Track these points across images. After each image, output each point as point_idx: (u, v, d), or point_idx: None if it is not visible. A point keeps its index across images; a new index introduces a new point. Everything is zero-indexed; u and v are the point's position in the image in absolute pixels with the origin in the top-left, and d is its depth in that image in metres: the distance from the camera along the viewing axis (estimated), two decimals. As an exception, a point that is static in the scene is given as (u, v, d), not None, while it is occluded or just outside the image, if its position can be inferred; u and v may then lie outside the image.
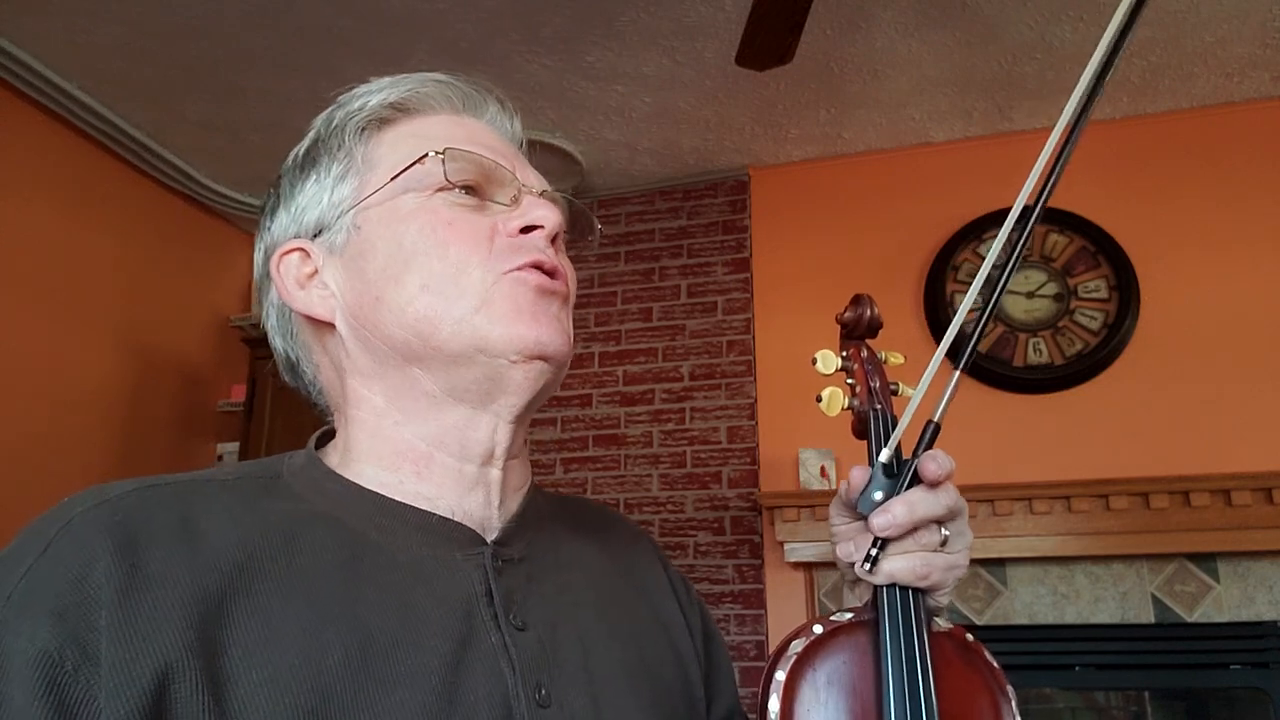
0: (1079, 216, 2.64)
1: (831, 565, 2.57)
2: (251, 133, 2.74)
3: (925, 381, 0.60)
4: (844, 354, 0.73)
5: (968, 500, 0.61)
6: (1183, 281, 2.55)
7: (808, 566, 2.60)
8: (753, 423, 2.78)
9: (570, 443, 2.92)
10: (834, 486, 2.56)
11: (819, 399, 0.69)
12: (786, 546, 2.54)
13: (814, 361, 0.71)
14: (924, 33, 2.32)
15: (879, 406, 0.68)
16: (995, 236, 2.87)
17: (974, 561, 2.50)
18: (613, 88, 2.54)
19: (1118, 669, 2.35)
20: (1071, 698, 2.54)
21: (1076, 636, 2.37)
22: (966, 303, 0.64)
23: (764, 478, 2.72)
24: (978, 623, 2.44)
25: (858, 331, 0.75)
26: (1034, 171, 0.56)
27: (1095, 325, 2.56)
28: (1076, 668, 2.36)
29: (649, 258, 3.01)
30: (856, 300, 0.75)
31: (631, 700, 0.57)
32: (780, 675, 0.58)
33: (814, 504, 2.50)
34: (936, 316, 2.66)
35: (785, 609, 2.59)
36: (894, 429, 0.64)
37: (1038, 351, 2.58)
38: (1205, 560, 2.33)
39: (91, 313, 2.68)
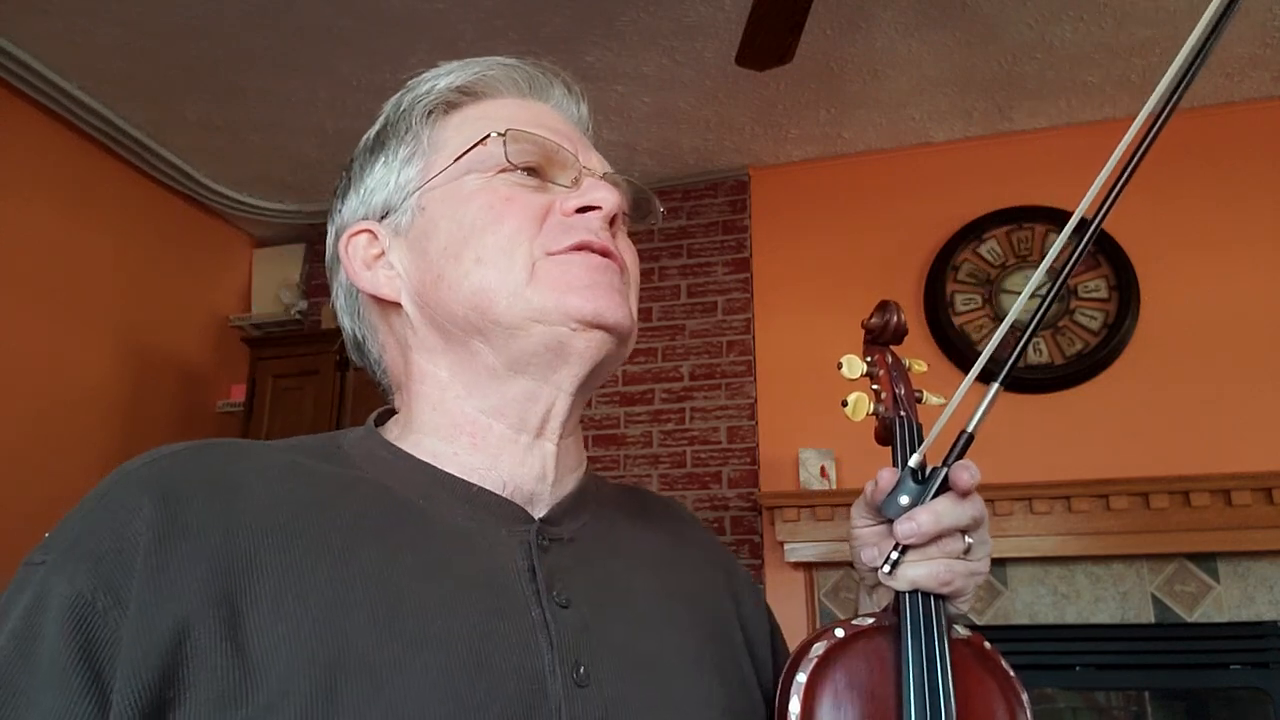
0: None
1: (831, 565, 2.57)
2: (251, 133, 2.74)
3: (962, 389, 0.61)
4: (869, 359, 0.73)
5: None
6: (1183, 281, 2.55)
7: (808, 566, 2.60)
8: (753, 423, 2.78)
9: (570, 443, 2.92)
10: (834, 486, 2.56)
11: (844, 404, 0.69)
12: (786, 546, 2.54)
13: (839, 366, 0.71)
14: (924, 33, 2.32)
15: (904, 413, 0.68)
16: (995, 237, 2.87)
17: (974, 561, 2.50)
18: (612, 88, 2.54)
19: (1118, 669, 2.35)
20: (1071, 698, 2.54)
21: (1076, 636, 2.37)
22: (1013, 313, 0.64)
23: (764, 478, 2.72)
24: (978, 623, 2.44)
25: (883, 338, 0.75)
26: (1098, 180, 0.56)
27: (1095, 325, 2.56)
28: (1076, 668, 2.36)
29: (649, 258, 3.01)
30: (883, 306, 0.74)
31: (678, 691, 0.55)
32: (801, 677, 0.57)
33: (814, 504, 2.50)
34: (936, 316, 2.66)
35: (785, 609, 2.59)
36: (919, 436, 0.65)
37: (1038, 351, 2.58)
38: (1205, 560, 2.33)
39: (91, 313, 2.69)
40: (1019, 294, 2.67)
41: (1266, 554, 2.29)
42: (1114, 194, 0.58)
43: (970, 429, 0.60)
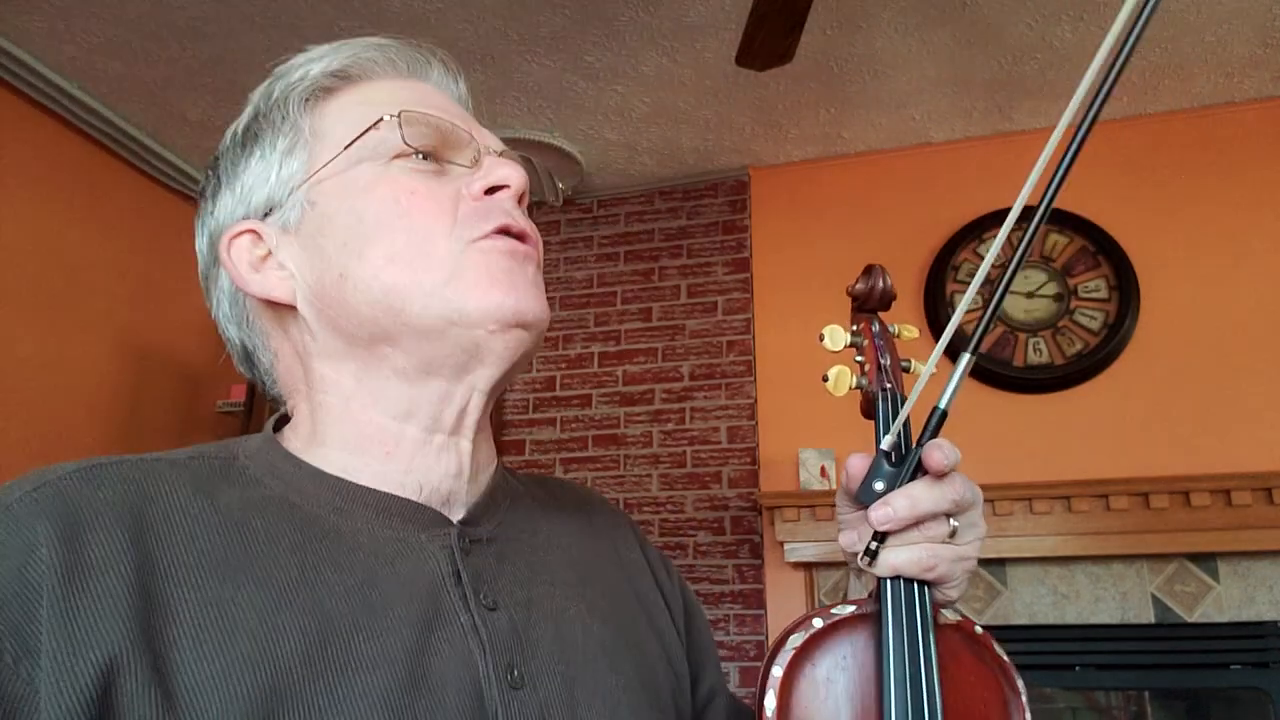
0: (1079, 216, 2.64)
1: (831, 565, 2.57)
2: (251, 133, 2.74)
3: (930, 365, 0.57)
4: (854, 328, 0.68)
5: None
6: (1183, 281, 2.55)
7: (808, 566, 2.60)
8: (753, 423, 2.78)
9: (570, 443, 2.92)
10: (834, 486, 2.56)
11: (825, 378, 0.64)
12: (786, 546, 2.54)
13: (821, 338, 0.66)
14: (924, 33, 2.32)
15: (889, 386, 0.64)
16: (995, 237, 2.88)
17: (974, 561, 2.50)
18: (612, 88, 2.54)
19: (1118, 669, 2.35)
20: (1071, 698, 2.54)
21: (1076, 636, 2.37)
22: (967, 300, 0.62)
23: (764, 478, 2.72)
24: (977, 623, 2.44)
25: (869, 304, 0.70)
26: (1034, 172, 0.54)
27: (1095, 325, 2.56)
28: (1076, 668, 2.36)
29: (649, 258, 3.01)
30: (868, 271, 0.70)
31: (609, 679, 0.56)
32: (777, 671, 0.55)
33: (814, 504, 2.50)
34: (937, 316, 2.66)
35: (785, 609, 2.59)
36: (905, 409, 0.60)
37: (1038, 351, 2.58)
38: (1205, 560, 2.33)
39: (91, 313, 2.68)
40: (1019, 294, 2.68)
41: (1266, 554, 2.29)
42: (1049, 194, 0.55)
43: (942, 405, 0.56)
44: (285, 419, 0.60)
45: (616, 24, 2.27)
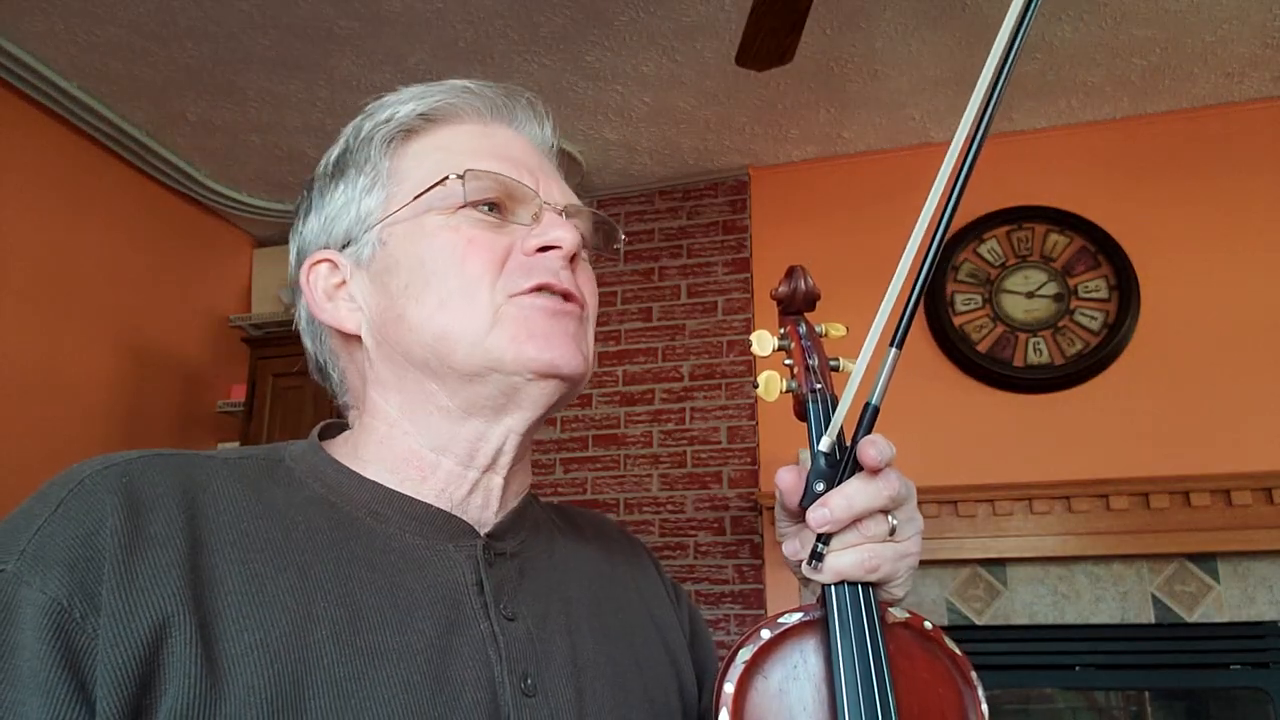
0: (1079, 216, 2.64)
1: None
2: (251, 133, 2.74)
3: (861, 364, 0.56)
4: (780, 332, 0.69)
5: (968, 500, 0.58)
6: (1183, 281, 2.54)
7: (808, 566, 2.60)
8: (753, 423, 2.78)
9: (570, 443, 2.92)
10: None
11: (756, 384, 0.64)
12: (786, 546, 2.54)
13: (750, 344, 0.67)
14: (924, 33, 2.32)
15: (818, 386, 0.63)
16: (995, 237, 2.87)
17: (974, 561, 2.51)
18: (612, 88, 2.54)
19: (1118, 669, 2.35)
20: (1071, 698, 2.54)
21: (1076, 636, 2.37)
22: (891, 296, 0.61)
23: (764, 478, 2.72)
24: (978, 622, 2.44)
25: (794, 306, 0.71)
26: (934, 191, 0.54)
27: (1095, 325, 2.56)
28: (1076, 668, 2.36)
29: (649, 258, 3.01)
30: (790, 273, 0.71)
31: (620, 696, 0.58)
32: (729, 688, 0.54)
33: (814, 504, 2.50)
34: (937, 315, 2.66)
35: (785, 608, 2.59)
36: (834, 408, 0.59)
37: (1038, 351, 2.58)
38: (1205, 560, 2.33)
39: (91, 313, 2.68)
40: (1019, 294, 2.69)
41: (1266, 554, 2.29)
42: (945, 215, 0.55)
43: (874, 400, 0.55)
44: (331, 427, 0.64)
45: (616, 24, 2.27)
